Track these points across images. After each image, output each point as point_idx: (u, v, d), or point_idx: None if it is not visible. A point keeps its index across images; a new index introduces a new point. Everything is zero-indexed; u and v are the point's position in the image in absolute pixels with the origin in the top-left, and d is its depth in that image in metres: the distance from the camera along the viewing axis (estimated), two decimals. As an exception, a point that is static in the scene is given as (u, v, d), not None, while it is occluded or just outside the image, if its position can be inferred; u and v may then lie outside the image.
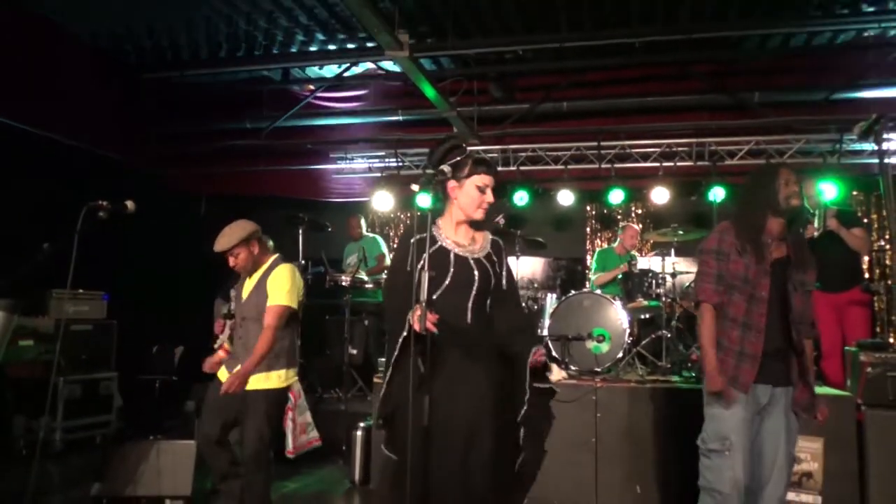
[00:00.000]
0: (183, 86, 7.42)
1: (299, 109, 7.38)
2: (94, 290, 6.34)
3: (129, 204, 3.59)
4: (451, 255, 2.78)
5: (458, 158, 2.80)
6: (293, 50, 6.71)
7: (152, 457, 4.39)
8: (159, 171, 8.02)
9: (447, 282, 2.73)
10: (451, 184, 2.81)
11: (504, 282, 2.89)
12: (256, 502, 3.56)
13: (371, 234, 7.69)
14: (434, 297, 2.66)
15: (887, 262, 7.48)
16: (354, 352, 6.53)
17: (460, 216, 2.85)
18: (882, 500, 4.08)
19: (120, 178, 6.83)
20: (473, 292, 2.75)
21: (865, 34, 5.95)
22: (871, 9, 5.40)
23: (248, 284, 3.73)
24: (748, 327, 2.95)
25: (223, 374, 3.64)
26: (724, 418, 2.89)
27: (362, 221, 7.57)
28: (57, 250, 3.26)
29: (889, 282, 5.92)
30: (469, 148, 2.89)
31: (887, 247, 7.30)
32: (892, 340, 6.98)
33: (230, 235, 3.63)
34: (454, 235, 2.86)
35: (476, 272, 2.77)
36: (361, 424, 5.06)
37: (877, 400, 4.25)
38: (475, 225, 2.89)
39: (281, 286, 3.62)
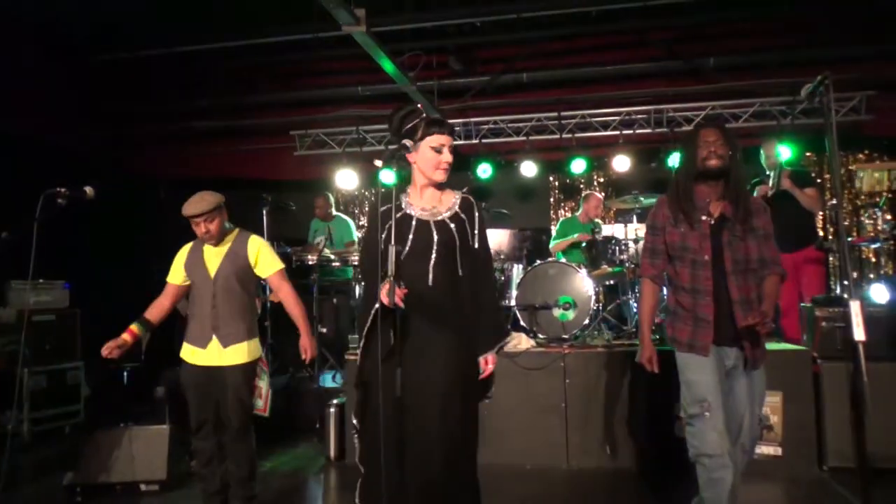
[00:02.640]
0: (134, 65, 7.23)
1: (257, 87, 7.27)
2: (55, 280, 6.21)
3: (89, 190, 3.53)
4: (413, 221, 2.80)
5: (414, 122, 2.80)
6: (249, 25, 6.58)
7: (125, 443, 4.38)
8: (114, 156, 7.84)
9: (407, 248, 2.76)
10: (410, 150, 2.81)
11: (476, 241, 2.89)
12: (248, 468, 3.61)
13: (342, 216, 7.60)
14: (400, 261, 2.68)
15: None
16: (325, 330, 6.54)
17: (423, 180, 2.85)
18: (837, 447, 4.26)
19: (73, 165, 6.66)
20: (433, 255, 2.77)
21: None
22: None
23: (214, 256, 3.65)
24: (697, 292, 2.97)
25: (192, 355, 3.60)
26: (699, 382, 2.90)
27: (331, 200, 7.50)
28: (15, 240, 3.20)
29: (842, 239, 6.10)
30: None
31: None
32: (845, 296, 7.21)
33: (206, 201, 3.56)
34: (420, 201, 2.86)
35: (435, 235, 2.78)
36: (334, 401, 5.10)
37: (831, 352, 4.43)
38: (441, 186, 2.89)
39: (268, 252, 3.72)
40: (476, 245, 2.88)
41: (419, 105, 2.92)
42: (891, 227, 5.81)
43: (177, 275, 3.74)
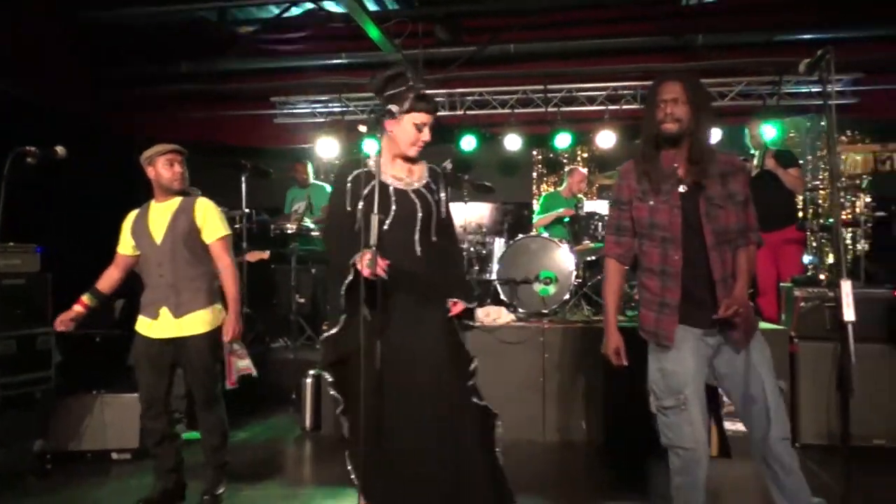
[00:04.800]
0: (115, 27, 7.02)
1: (237, 52, 7.08)
2: (27, 243, 6.06)
3: (60, 149, 3.42)
4: (391, 190, 2.73)
5: (400, 89, 2.69)
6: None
7: (97, 411, 4.32)
8: (90, 117, 7.64)
9: (390, 218, 2.68)
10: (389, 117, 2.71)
11: (444, 210, 2.86)
12: (219, 437, 3.53)
13: (319, 182, 7.53)
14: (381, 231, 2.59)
15: (820, 201, 7.75)
16: (302, 300, 6.47)
17: (395, 150, 2.79)
18: (812, 425, 4.33)
19: (51, 124, 6.47)
20: (418, 225, 2.72)
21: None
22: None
23: (159, 221, 3.47)
24: (666, 274, 2.66)
25: (146, 327, 3.44)
26: (675, 373, 2.63)
27: (309, 168, 7.40)
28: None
29: (822, 220, 6.14)
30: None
31: (820, 186, 7.54)
32: (822, 277, 7.28)
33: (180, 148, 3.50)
34: (391, 169, 2.79)
35: (418, 203, 2.73)
36: (311, 372, 5.06)
37: (809, 332, 4.47)
38: (411, 158, 2.82)
39: (216, 216, 3.53)
40: (444, 214, 2.86)
41: (405, 67, 2.81)
42: (871, 209, 5.84)
43: (125, 244, 3.55)
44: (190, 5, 6.60)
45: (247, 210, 6.41)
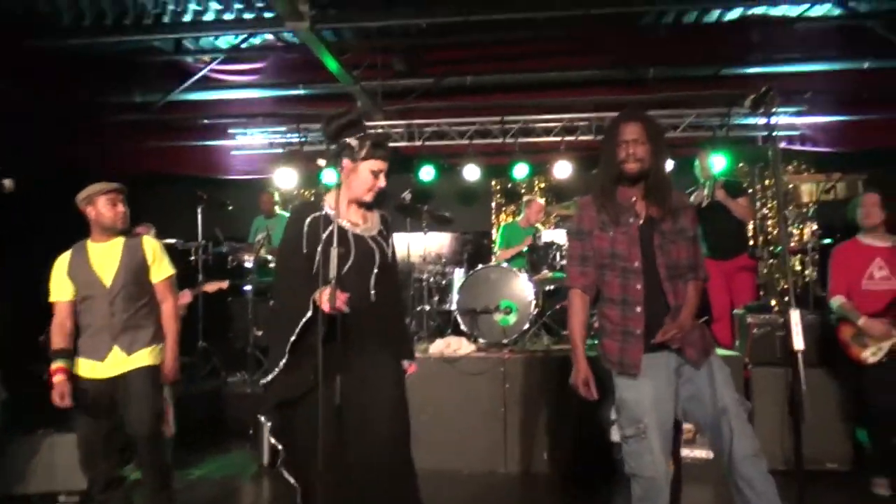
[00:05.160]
0: (64, 56, 6.90)
1: (194, 82, 7.02)
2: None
3: (8, 183, 3.34)
4: (350, 235, 2.74)
5: (357, 138, 2.71)
6: (186, 19, 6.35)
7: (44, 451, 4.16)
8: (42, 147, 7.45)
9: (350, 262, 2.69)
10: (346, 163, 2.74)
11: (391, 256, 2.90)
12: (160, 479, 3.39)
13: (283, 214, 7.45)
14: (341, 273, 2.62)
15: (770, 229, 7.98)
16: (259, 333, 6.37)
17: (351, 195, 2.80)
18: (767, 450, 4.32)
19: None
20: (375, 271, 2.75)
21: (750, 13, 6.25)
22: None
23: (105, 261, 3.38)
24: (627, 304, 2.71)
25: (90, 369, 3.32)
26: (635, 402, 2.67)
27: (276, 197, 7.34)
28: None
29: (772, 247, 6.32)
30: (368, 125, 2.85)
31: (770, 215, 7.79)
32: (774, 303, 7.48)
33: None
34: (348, 214, 2.81)
35: (375, 249, 2.78)
36: (269, 406, 4.96)
37: (762, 358, 4.57)
38: (365, 204, 2.85)
39: (164, 255, 3.54)
40: (390, 261, 2.89)
41: (358, 113, 2.85)
42: (818, 236, 6.03)
43: (64, 290, 3.39)
44: (145, 35, 6.54)
45: (202, 241, 6.33)
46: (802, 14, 6.07)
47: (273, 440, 2.72)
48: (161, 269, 3.50)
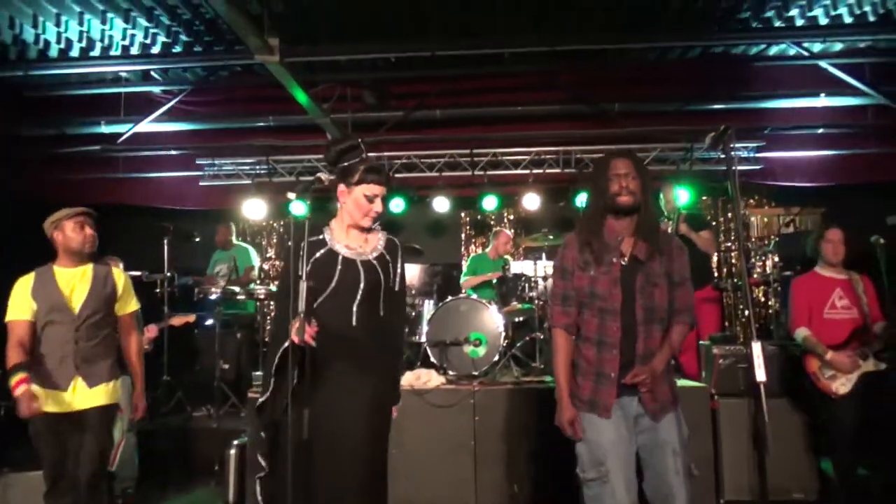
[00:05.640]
0: (29, 86, 6.83)
1: (161, 114, 6.98)
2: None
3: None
4: (340, 258, 2.75)
5: (352, 162, 2.76)
6: (155, 51, 6.34)
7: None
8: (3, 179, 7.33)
9: (333, 284, 2.69)
10: (341, 188, 2.79)
11: (396, 283, 2.88)
12: None
13: (243, 244, 7.43)
14: (321, 299, 2.64)
15: (733, 261, 8.15)
16: (226, 366, 6.27)
17: (349, 220, 2.82)
18: (734, 481, 4.42)
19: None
20: (359, 296, 2.73)
21: (711, 51, 6.46)
22: (716, 28, 5.87)
23: (74, 286, 3.32)
24: (603, 344, 2.70)
25: (49, 401, 3.22)
26: (598, 444, 2.65)
27: (232, 229, 7.30)
28: None
29: (736, 279, 6.46)
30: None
31: (733, 247, 7.95)
32: (739, 333, 7.61)
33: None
34: (345, 238, 2.82)
35: (363, 274, 2.75)
36: (235, 442, 4.85)
37: (727, 389, 4.62)
38: (367, 229, 2.86)
39: (129, 288, 3.53)
40: (396, 288, 2.88)
41: (360, 141, 2.85)
42: (779, 269, 6.18)
43: (25, 310, 3.28)
44: (113, 66, 6.50)
45: (169, 273, 6.24)
46: (760, 53, 6.29)
47: (261, 459, 2.71)
48: (128, 302, 3.50)
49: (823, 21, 5.73)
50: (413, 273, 7.57)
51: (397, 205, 7.81)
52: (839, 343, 4.18)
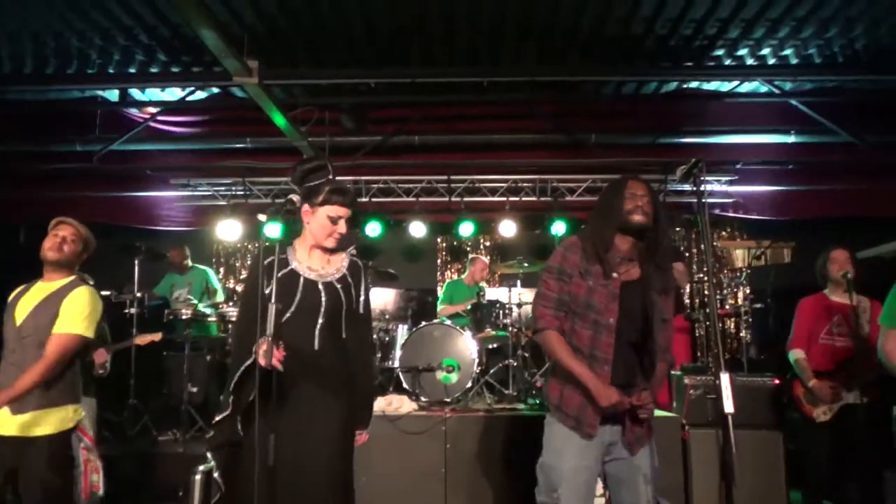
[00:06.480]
0: (3, 103, 6.75)
1: (137, 133, 6.93)
2: None
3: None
4: (301, 280, 2.71)
5: (318, 182, 2.73)
6: (132, 70, 6.30)
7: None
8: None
9: (293, 307, 2.66)
10: (305, 208, 2.75)
11: (360, 305, 2.84)
12: None
13: (200, 266, 7.28)
14: (283, 319, 2.59)
15: (705, 292, 8.24)
16: (195, 389, 6.13)
17: (312, 241, 2.79)
18: (704, 511, 4.42)
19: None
20: (320, 317, 2.69)
21: (686, 86, 6.60)
22: (690, 64, 6.00)
23: (30, 300, 3.14)
24: (596, 359, 2.62)
25: None
26: (554, 468, 2.63)
27: (187, 251, 7.18)
28: None
29: (707, 310, 6.52)
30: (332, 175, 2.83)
31: (705, 278, 8.03)
32: (711, 364, 7.67)
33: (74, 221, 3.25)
34: (307, 259, 2.79)
35: (324, 296, 2.71)
36: (201, 467, 4.74)
37: (698, 419, 4.63)
38: (331, 250, 2.83)
39: (78, 311, 3.09)
40: (360, 310, 2.84)
41: (327, 162, 2.84)
42: (751, 300, 6.25)
43: None
44: (86, 85, 6.45)
45: (139, 294, 6.15)
46: (733, 90, 6.44)
47: (216, 475, 2.65)
48: (68, 322, 3.07)
49: (794, 61, 5.89)
50: (388, 298, 7.54)
51: (374, 229, 7.81)
52: (828, 370, 4.22)
